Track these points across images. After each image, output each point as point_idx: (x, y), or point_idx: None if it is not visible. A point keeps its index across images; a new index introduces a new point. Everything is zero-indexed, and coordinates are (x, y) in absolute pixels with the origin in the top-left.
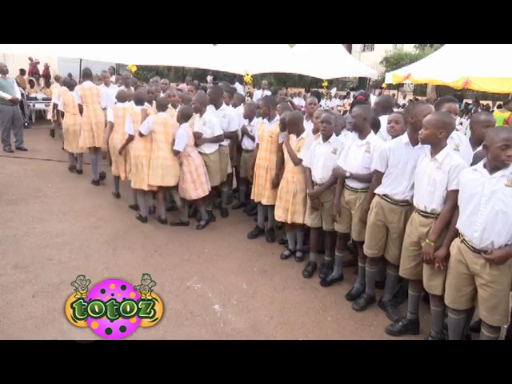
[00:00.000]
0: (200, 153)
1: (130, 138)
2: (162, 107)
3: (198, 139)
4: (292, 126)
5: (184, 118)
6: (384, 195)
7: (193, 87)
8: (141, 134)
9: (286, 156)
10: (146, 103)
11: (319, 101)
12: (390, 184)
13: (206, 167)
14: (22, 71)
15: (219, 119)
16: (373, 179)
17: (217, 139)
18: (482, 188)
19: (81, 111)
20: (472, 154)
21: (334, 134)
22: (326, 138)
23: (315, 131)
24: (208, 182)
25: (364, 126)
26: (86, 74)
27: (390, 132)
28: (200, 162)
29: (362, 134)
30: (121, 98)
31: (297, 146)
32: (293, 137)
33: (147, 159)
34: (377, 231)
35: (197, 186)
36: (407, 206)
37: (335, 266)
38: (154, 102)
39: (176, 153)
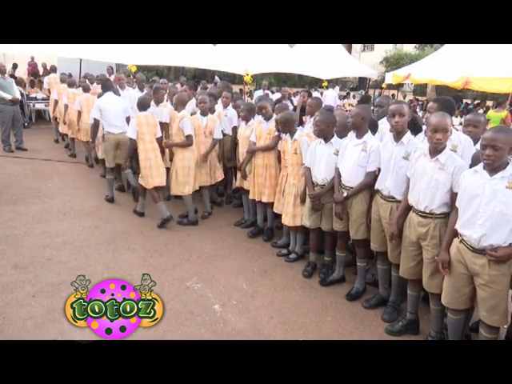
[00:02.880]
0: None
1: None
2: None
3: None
4: (283, 125)
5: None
6: (377, 189)
7: (187, 87)
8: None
9: (289, 158)
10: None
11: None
12: (379, 179)
13: None
14: (15, 65)
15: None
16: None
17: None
18: (483, 189)
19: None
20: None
21: (335, 135)
22: (326, 139)
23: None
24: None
25: (362, 126)
26: (52, 69)
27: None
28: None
29: (359, 134)
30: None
31: (292, 148)
32: (288, 139)
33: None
34: (375, 225)
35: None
36: (394, 202)
37: (337, 266)
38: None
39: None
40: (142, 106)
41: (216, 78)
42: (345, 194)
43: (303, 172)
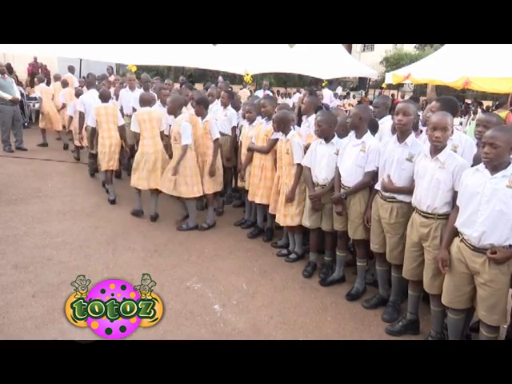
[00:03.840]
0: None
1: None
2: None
3: None
4: (278, 124)
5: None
6: (377, 190)
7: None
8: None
9: (282, 157)
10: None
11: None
12: (380, 179)
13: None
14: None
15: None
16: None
17: None
18: (483, 188)
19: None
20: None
21: (336, 135)
22: (327, 139)
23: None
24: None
25: (360, 126)
26: (70, 69)
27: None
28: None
29: (359, 134)
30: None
31: (285, 148)
32: (283, 138)
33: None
34: (375, 225)
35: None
36: (394, 202)
37: (337, 266)
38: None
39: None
40: (104, 97)
41: (220, 78)
42: (341, 193)
43: (294, 172)
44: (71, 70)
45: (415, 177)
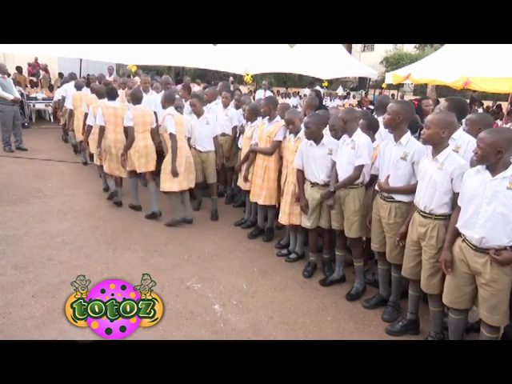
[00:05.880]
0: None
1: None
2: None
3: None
4: (288, 123)
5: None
6: (377, 189)
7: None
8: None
9: (289, 156)
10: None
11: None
12: (379, 179)
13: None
14: (19, 69)
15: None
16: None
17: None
18: (484, 189)
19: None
20: None
21: (325, 135)
22: (316, 140)
23: None
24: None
25: (346, 127)
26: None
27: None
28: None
29: (349, 133)
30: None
31: (294, 147)
32: (291, 137)
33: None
34: (375, 225)
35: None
36: (393, 202)
37: (336, 266)
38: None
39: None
40: (77, 87)
41: (231, 78)
42: (331, 189)
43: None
44: (110, 71)
45: (418, 176)
